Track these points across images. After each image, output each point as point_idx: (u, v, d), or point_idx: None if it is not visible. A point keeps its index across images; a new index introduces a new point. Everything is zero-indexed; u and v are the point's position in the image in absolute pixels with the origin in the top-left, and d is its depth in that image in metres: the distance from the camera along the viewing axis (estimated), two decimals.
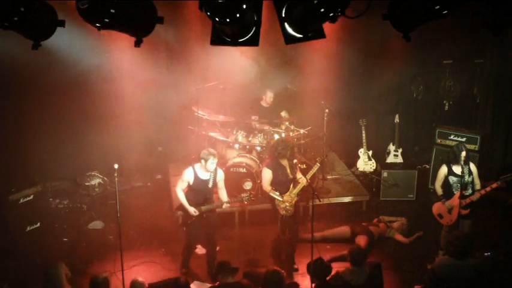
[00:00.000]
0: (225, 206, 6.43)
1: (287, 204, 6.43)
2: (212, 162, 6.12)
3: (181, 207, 6.33)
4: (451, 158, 6.59)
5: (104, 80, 8.45)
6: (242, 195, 6.65)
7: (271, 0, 4.23)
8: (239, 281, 5.20)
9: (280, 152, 6.40)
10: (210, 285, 6.07)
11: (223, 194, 6.48)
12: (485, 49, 8.85)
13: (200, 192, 6.25)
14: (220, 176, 6.38)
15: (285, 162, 6.51)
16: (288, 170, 6.52)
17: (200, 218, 6.29)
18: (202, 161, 6.13)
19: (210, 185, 6.26)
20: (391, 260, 6.90)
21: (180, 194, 6.25)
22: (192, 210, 6.21)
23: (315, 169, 6.75)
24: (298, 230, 6.69)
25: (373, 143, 9.40)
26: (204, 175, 6.23)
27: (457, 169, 6.48)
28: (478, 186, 6.53)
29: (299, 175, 6.52)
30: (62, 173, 8.92)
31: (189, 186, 6.24)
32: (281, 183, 6.49)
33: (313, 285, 5.27)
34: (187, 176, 6.20)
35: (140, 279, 5.08)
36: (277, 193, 6.42)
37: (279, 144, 6.49)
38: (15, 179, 7.86)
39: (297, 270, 6.60)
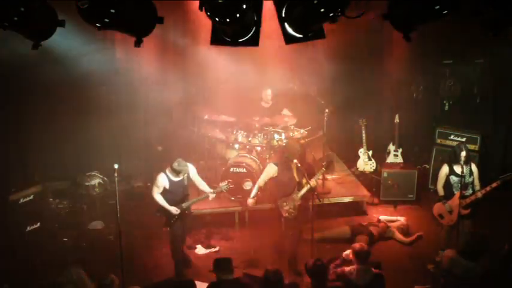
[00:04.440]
0: (211, 197, 6.53)
1: (290, 206, 6.45)
2: (183, 175, 6.23)
3: (160, 208, 6.40)
4: (452, 157, 6.60)
5: (103, 80, 8.46)
6: (221, 184, 6.69)
7: (271, 0, 4.24)
8: (238, 277, 5.19)
9: (287, 157, 6.46)
10: None
11: (204, 186, 6.58)
12: (485, 49, 8.84)
13: (178, 192, 6.36)
14: (193, 171, 6.48)
15: (293, 165, 6.52)
16: (295, 173, 6.54)
17: (182, 216, 6.43)
18: (174, 172, 6.19)
19: (186, 182, 6.39)
20: (391, 260, 6.89)
21: (158, 197, 6.31)
22: (174, 209, 6.32)
23: (320, 174, 6.75)
24: (301, 233, 6.68)
25: (373, 143, 9.40)
26: (177, 177, 6.29)
27: (458, 169, 6.48)
28: (477, 187, 6.55)
29: (304, 179, 6.51)
30: (62, 173, 8.92)
31: (165, 189, 6.31)
32: (285, 184, 6.51)
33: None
34: (162, 182, 6.26)
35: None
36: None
37: (285, 152, 6.54)
38: (15, 179, 7.85)
39: (300, 273, 6.59)
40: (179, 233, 6.53)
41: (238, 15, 3.76)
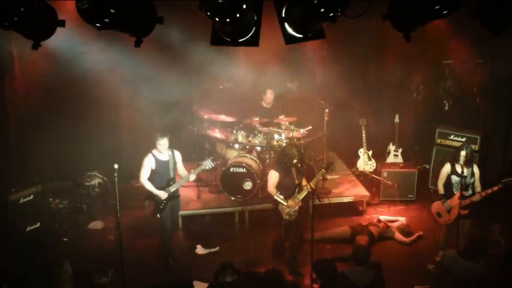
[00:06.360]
0: (191, 177, 6.60)
1: (291, 209, 6.42)
2: (160, 143, 6.38)
3: (149, 195, 6.52)
4: (455, 157, 6.59)
5: (103, 80, 8.45)
6: (203, 162, 6.71)
7: (271, 0, 4.23)
8: (237, 279, 5.18)
9: (286, 162, 6.39)
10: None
11: (183, 171, 6.68)
12: (485, 49, 8.83)
13: (164, 174, 6.50)
14: (179, 157, 6.64)
15: (293, 167, 6.49)
16: (295, 175, 6.51)
17: (170, 199, 6.54)
18: (156, 142, 6.41)
19: (171, 165, 6.51)
20: (391, 260, 6.89)
21: (145, 182, 6.47)
22: (162, 193, 6.45)
23: (320, 175, 6.73)
24: (303, 235, 6.65)
25: (373, 143, 9.40)
26: (163, 157, 6.50)
27: (459, 169, 6.47)
28: (478, 188, 6.54)
29: (304, 181, 6.49)
30: (62, 173, 8.92)
31: (152, 171, 6.46)
32: (286, 188, 6.47)
33: (314, 285, 5.25)
34: (149, 163, 6.45)
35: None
36: (282, 197, 6.41)
37: (284, 156, 6.42)
38: (15, 179, 7.85)
39: (300, 274, 6.58)
40: (168, 224, 6.65)
41: (238, 15, 3.75)
